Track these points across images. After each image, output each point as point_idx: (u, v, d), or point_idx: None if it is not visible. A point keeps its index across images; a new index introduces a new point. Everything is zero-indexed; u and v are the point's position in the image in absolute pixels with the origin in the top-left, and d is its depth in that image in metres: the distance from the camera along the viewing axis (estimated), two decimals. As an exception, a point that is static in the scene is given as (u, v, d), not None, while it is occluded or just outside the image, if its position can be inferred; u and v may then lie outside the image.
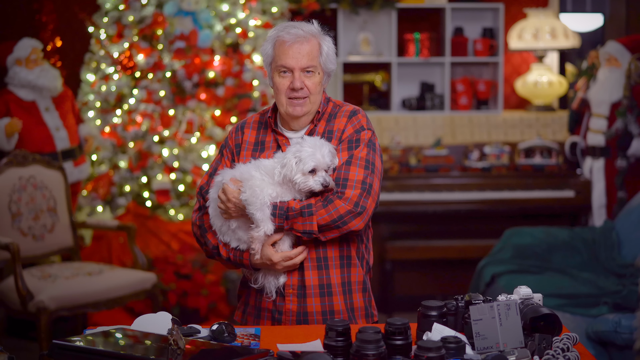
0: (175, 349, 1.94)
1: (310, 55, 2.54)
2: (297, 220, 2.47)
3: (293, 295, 2.56)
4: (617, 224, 4.81)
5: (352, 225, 2.49)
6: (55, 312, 4.07)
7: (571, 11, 6.74)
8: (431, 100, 6.13)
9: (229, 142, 2.69)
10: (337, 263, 2.58)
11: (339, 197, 2.48)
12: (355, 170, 2.52)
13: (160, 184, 5.30)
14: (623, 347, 3.66)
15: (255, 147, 2.64)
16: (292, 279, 2.56)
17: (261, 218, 2.44)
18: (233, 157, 2.65)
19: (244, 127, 2.69)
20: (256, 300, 2.62)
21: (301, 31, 2.54)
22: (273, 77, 2.58)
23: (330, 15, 5.96)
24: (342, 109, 2.64)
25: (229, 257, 2.57)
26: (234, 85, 5.38)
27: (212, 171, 2.67)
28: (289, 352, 2.07)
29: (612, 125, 5.44)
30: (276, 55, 2.56)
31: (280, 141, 2.61)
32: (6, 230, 4.36)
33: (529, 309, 2.17)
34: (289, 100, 2.55)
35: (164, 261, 5.05)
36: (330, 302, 2.56)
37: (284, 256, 2.51)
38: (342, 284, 2.59)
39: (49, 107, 5.06)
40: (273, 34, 2.57)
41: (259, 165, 2.52)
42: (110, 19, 5.53)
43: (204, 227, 2.62)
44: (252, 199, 2.44)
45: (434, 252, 5.63)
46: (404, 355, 2.03)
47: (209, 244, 2.61)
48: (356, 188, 2.50)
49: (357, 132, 2.59)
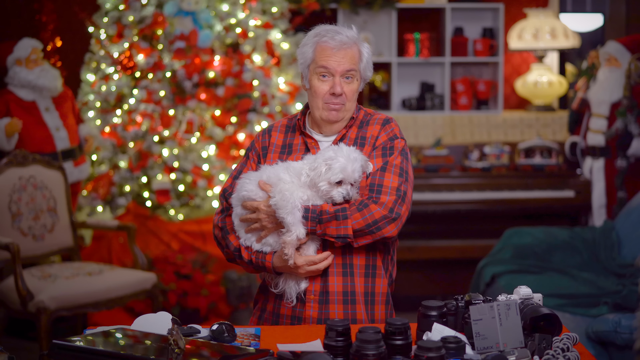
0: (175, 349, 1.94)
1: (352, 61, 2.53)
2: (331, 224, 2.43)
3: (314, 302, 2.51)
4: (617, 224, 4.81)
5: (386, 231, 2.47)
6: (55, 312, 4.07)
7: (571, 11, 6.74)
8: (431, 100, 6.14)
9: (255, 144, 2.67)
10: (362, 272, 2.54)
11: (374, 202, 2.46)
12: (390, 177, 2.51)
13: (160, 184, 5.30)
14: (623, 347, 3.65)
15: (283, 149, 2.62)
16: (314, 284, 2.51)
17: (292, 222, 2.40)
18: (259, 160, 2.63)
19: (271, 130, 2.67)
20: (274, 306, 2.58)
21: (345, 37, 2.53)
22: (311, 80, 2.56)
23: (330, 15, 5.96)
24: (375, 117, 2.65)
25: (250, 259, 2.53)
26: (234, 85, 5.38)
27: (236, 174, 2.63)
28: (289, 352, 2.07)
29: (612, 125, 5.44)
30: (317, 58, 2.54)
31: (310, 144, 2.59)
32: (6, 230, 4.36)
33: (529, 309, 2.17)
34: (326, 104, 2.54)
35: (164, 261, 5.05)
36: (353, 311, 2.52)
37: (308, 260, 2.46)
38: (365, 293, 2.55)
39: (49, 107, 5.06)
40: (313, 38, 2.55)
41: (287, 167, 2.48)
42: (110, 19, 5.53)
43: (226, 229, 2.60)
44: (282, 203, 2.40)
45: (434, 252, 5.63)
46: (404, 355, 2.03)
47: (231, 246, 2.58)
48: (391, 194, 2.48)
49: (390, 139, 2.58)
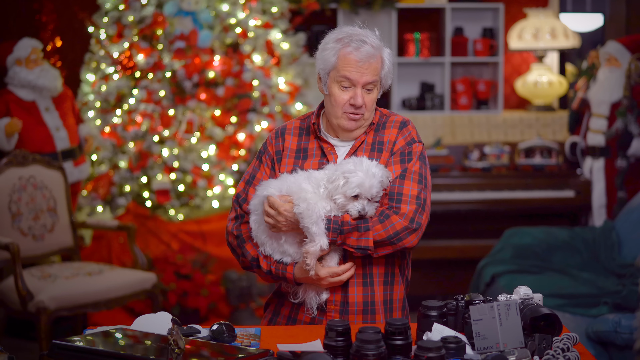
0: (175, 349, 1.94)
1: (375, 72, 2.48)
2: (352, 235, 2.41)
3: (335, 312, 2.49)
4: (617, 224, 4.81)
5: (407, 242, 2.45)
6: (55, 312, 4.07)
7: (571, 11, 6.74)
8: (431, 100, 6.14)
9: (268, 148, 2.60)
10: (381, 280, 2.53)
11: (395, 213, 2.43)
12: (410, 185, 2.47)
13: (160, 184, 5.30)
14: (623, 347, 3.66)
15: (298, 154, 2.56)
16: (334, 294, 2.49)
17: (317, 232, 2.36)
18: (273, 165, 2.58)
19: (284, 134, 2.60)
20: (292, 311, 2.55)
21: (371, 48, 2.45)
22: (330, 87, 2.49)
23: (330, 15, 5.96)
24: (391, 119, 2.59)
25: (270, 269, 2.49)
26: (234, 85, 5.38)
27: (248, 178, 2.59)
28: (289, 352, 2.07)
29: (612, 125, 5.44)
30: (340, 66, 2.46)
31: (326, 149, 2.54)
32: (6, 230, 4.36)
33: (529, 309, 2.17)
34: (346, 114, 2.49)
35: (164, 261, 5.05)
36: (373, 320, 2.51)
37: (331, 272, 2.44)
38: (384, 301, 2.54)
39: (49, 107, 5.05)
40: (337, 44, 2.46)
41: (309, 177, 2.45)
42: (110, 19, 5.53)
43: (242, 238, 2.54)
44: (308, 212, 2.36)
45: (434, 252, 5.62)
46: (404, 355, 2.03)
47: (248, 255, 2.53)
48: (411, 204, 2.44)
49: (408, 144, 2.53)
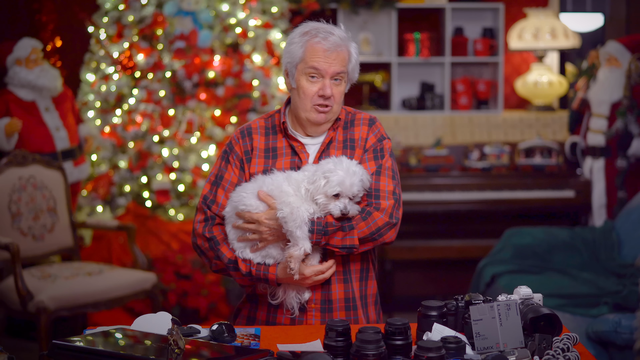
0: (175, 349, 1.94)
1: (343, 62, 2.48)
2: (336, 235, 2.42)
3: (316, 310, 2.50)
4: (617, 224, 4.81)
5: (387, 237, 2.47)
6: (55, 312, 4.07)
7: (571, 11, 6.74)
8: (431, 100, 6.13)
9: (235, 148, 2.57)
10: (357, 276, 2.55)
11: (375, 209, 2.45)
12: (386, 181, 2.50)
13: (160, 184, 5.30)
14: (623, 347, 3.66)
15: (267, 153, 2.55)
16: (315, 293, 2.49)
17: (301, 236, 2.36)
18: (242, 165, 2.55)
19: (251, 133, 2.57)
20: (269, 315, 2.54)
21: (338, 38, 2.47)
22: (298, 80, 2.49)
23: (330, 15, 5.96)
24: (358, 116, 2.60)
25: (249, 271, 2.46)
26: (234, 85, 5.38)
27: (215, 179, 2.56)
28: (289, 352, 2.07)
29: (612, 125, 5.44)
30: (307, 58, 2.46)
31: (296, 147, 2.54)
32: (6, 230, 4.36)
33: (529, 309, 2.17)
34: (315, 106, 2.48)
35: (164, 261, 5.05)
36: (356, 317, 2.53)
37: (316, 270, 2.43)
38: (361, 297, 2.56)
39: (49, 107, 5.05)
40: (303, 37, 2.48)
41: (288, 178, 2.43)
42: (110, 19, 5.53)
43: (216, 240, 2.51)
44: (292, 217, 2.35)
45: (434, 252, 5.62)
46: (404, 355, 2.03)
47: (224, 258, 2.49)
48: (389, 199, 2.47)
49: (379, 141, 2.56)
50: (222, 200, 2.52)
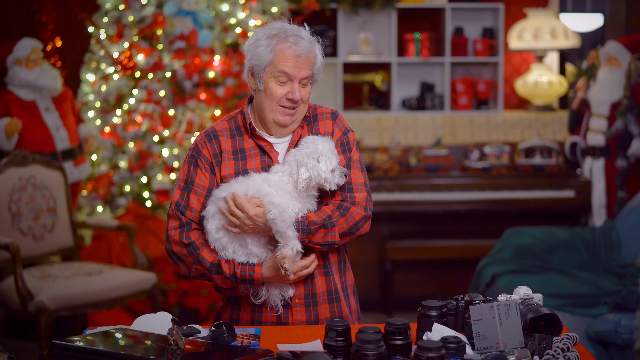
0: (175, 349, 1.94)
1: (310, 66, 2.48)
2: (319, 232, 2.44)
3: (301, 305, 2.51)
4: (617, 224, 4.81)
5: (363, 230, 2.52)
6: (55, 312, 4.07)
7: (571, 11, 6.74)
8: (431, 100, 6.13)
9: (202, 152, 2.53)
10: (336, 268, 2.57)
11: (352, 204, 2.48)
12: (357, 174, 2.53)
13: (160, 184, 5.30)
14: (623, 347, 3.66)
15: (236, 155, 2.53)
16: (298, 288, 2.50)
17: (292, 236, 2.37)
18: (212, 168, 2.52)
19: (217, 136, 2.54)
20: (254, 315, 2.53)
21: (308, 43, 2.46)
22: (267, 83, 2.47)
23: (330, 15, 5.96)
24: (319, 111, 2.61)
25: (233, 273, 2.44)
26: (234, 85, 5.38)
27: (184, 185, 2.52)
28: (289, 352, 2.07)
29: (612, 125, 5.44)
30: (277, 61, 2.45)
31: (265, 147, 2.53)
32: (6, 230, 4.36)
33: (529, 309, 2.17)
34: (282, 108, 2.48)
35: (164, 261, 5.04)
36: (339, 308, 2.55)
37: (301, 266, 2.44)
38: (343, 288, 2.59)
39: (49, 107, 5.06)
40: (272, 40, 2.45)
41: (266, 180, 2.43)
42: (110, 19, 5.53)
43: (195, 245, 2.48)
44: (282, 217, 2.35)
45: (434, 252, 5.62)
46: (404, 355, 2.03)
47: (205, 263, 2.46)
48: (362, 191, 2.51)
49: (344, 134, 2.58)
50: (195, 205, 2.50)
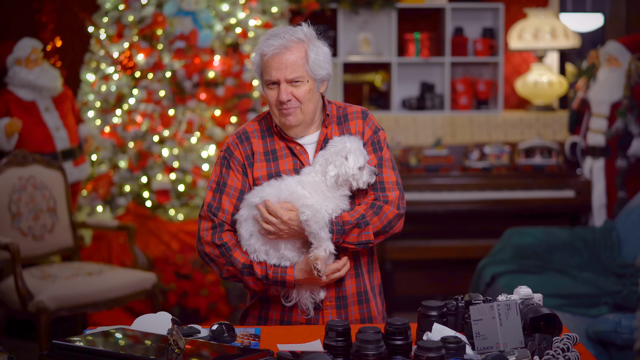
0: (175, 349, 1.94)
1: (294, 66, 2.45)
2: (353, 232, 2.44)
3: (332, 308, 2.51)
4: (617, 224, 4.81)
5: (397, 228, 2.53)
6: (55, 312, 4.07)
7: (571, 11, 6.74)
8: (431, 100, 6.13)
9: (235, 153, 2.54)
10: (365, 269, 2.58)
11: (385, 202, 2.49)
12: (388, 173, 2.54)
13: (160, 184, 5.30)
14: (623, 347, 3.66)
15: (267, 156, 2.54)
16: (329, 290, 2.51)
17: (325, 237, 2.37)
18: (244, 170, 2.53)
19: (249, 137, 2.56)
20: (284, 314, 2.53)
21: (282, 40, 2.46)
22: (264, 90, 2.52)
23: (330, 15, 5.96)
24: (349, 110, 2.61)
25: (265, 274, 2.44)
26: (234, 85, 5.38)
27: (216, 186, 2.53)
28: (289, 352, 2.07)
29: (612, 125, 5.44)
30: (263, 69, 2.50)
31: (295, 149, 2.53)
32: (6, 230, 4.36)
33: (529, 309, 2.17)
34: (280, 111, 2.49)
35: (164, 261, 5.05)
36: (369, 309, 2.56)
37: (333, 269, 2.45)
38: (372, 288, 2.59)
39: (49, 107, 5.06)
40: (260, 48, 2.51)
41: (301, 182, 2.44)
42: (110, 19, 5.53)
43: (227, 246, 2.48)
44: (315, 218, 2.36)
45: (434, 252, 5.63)
46: (404, 355, 2.03)
47: (237, 264, 2.46)
48: (395, 190, 2.52)
49: (375, 133, 2.58)
50: (227, 207, 2.50)
